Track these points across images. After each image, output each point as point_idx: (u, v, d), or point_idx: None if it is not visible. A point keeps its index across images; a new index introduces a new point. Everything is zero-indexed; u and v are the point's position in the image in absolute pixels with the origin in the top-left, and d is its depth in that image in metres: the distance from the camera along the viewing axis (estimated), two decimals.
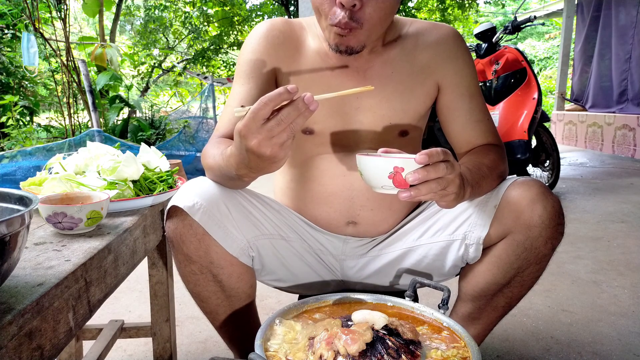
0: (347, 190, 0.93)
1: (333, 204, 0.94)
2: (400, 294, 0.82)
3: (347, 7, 0.76)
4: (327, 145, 0.93)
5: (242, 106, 0.65)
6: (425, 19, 9.21)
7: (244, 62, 0.92)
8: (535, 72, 3.24)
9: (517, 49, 3.06)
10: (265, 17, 8.53)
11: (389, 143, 0.94)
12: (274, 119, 0.59)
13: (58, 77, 5.09)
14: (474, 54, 3.25)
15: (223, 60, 8.94)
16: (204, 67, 8.70)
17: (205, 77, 6.28)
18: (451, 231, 0.89)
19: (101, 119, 4.31)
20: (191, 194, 0.79)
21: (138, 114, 5.56)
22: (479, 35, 3.15)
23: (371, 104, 0.91)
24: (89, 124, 3.93)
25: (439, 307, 0.73)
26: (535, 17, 3.09)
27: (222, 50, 8.61)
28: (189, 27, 8.58)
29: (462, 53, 0.94)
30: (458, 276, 0.96)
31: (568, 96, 6.60)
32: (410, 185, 0.67)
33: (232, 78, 6.18)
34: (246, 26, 8.66)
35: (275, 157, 0.62)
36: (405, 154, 0.73)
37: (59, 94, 4.56)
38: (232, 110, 0.84)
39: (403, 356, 0.58)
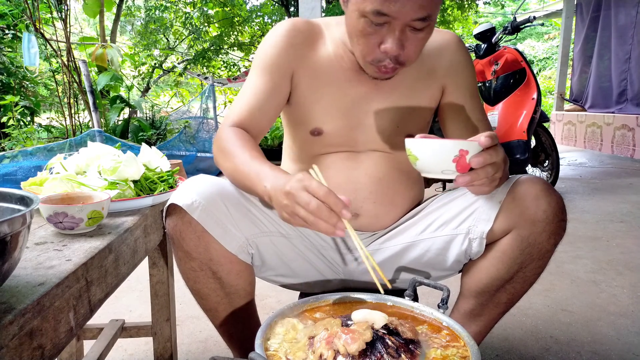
0: (351, 183, 0.95)
1: None
2: (400, 293, 0.82)
3: (392, 55, 0.80)
4: (334, 145, 0.95)
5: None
6: None
7: (263, 56, 0.93)
8: (535, 72, 3.24)
9: (517, 50, 3.06)
10: (266, 17, 8.52)
11: (395, 146, 0.97)
12: (314, 204, 0.64)
13: (59, 77, 5.09)
14: (473, 55, 3.25)
15: (223, 61, 8.93)
16: (205, 68, 8.70)
17: (206, 78, 6.28)
18: (455, 225, 0.90)
19: (102, 119, 4.31)
20: (190, 192, 0.80)
21: (139, 114, 5.56)
22: (478, 36, 3.16)
23: (380, 108, 0.94)
24: (90, 124, 3.93)
25: (439, 307, 0.73)
26: (534, 18, 3.09)
27: (223, 51, 8.60)
28: (190, 28, 8.57)
29: (464, 57, 0.98)
30: (460, 274, 0.96)
31: (567, 96, 6.60)
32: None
33: (232, 78, 6.15)
34: (246, 27, 8.66)
35: (281, 214, 0.70)
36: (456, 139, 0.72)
37: (60, 94, 4.56)
38: (246, 98, 0.90)
39: (403, 355, 0.58)
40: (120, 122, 4.71)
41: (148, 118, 5.25)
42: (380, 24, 0.77)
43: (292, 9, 7.25)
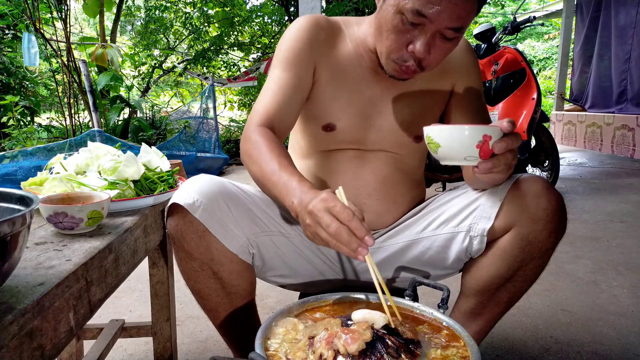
0: (356, 179, 0.96)
1: None
2: (400, 293, 0.82)
3: (417, 57, 0.80)
4: (344, 142, 0.96)
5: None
6: None
7: (287, 50, 0.92)
8: (535, 72, 3.24)
9: (517, 50, 3.06)
10: (266, 17, 8.51)
11: (403, 148, 0.98)
12: (334, 227, 0.63)
13: (59, 77, 5.09)
14: None
15: (223, 61, 8.92)
16: (205, 68, 8.69)
17: (206, 78, 6.28)
18: (456, 223, 0.90)
19: (102, 119, 4.31)
20: (191, 192, 0.80)
21: (139, 114, 5.56)
22: (478, 36, 3.16)
23: (394, 109, 0.95)
24: (90, 124, 3.94)
25: (439, 307, 0.73)
26: (534, 18, 3.09)
27: (223, 51, 8.59)
28: (190, 28, 8.56)
29: (472, 58, 1.00)
30: (460, 275, 0.97)
31: (567, 96, 6.60)
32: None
33: (232, 78, 6.11)
34: (246, 27, 8.65)
35: (305, 232, 0.69)
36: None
37: (60, 94, 4.56)
38: (273, 94, 0.89)
39: (403, 355, 0.58)
40: (120, 122, 4.72)
41: (148, 118, 5.26)
42: (415, 25, 0.77)
43: (292, 9, 7.24)
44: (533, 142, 3.16)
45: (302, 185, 0.72)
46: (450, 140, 0.69)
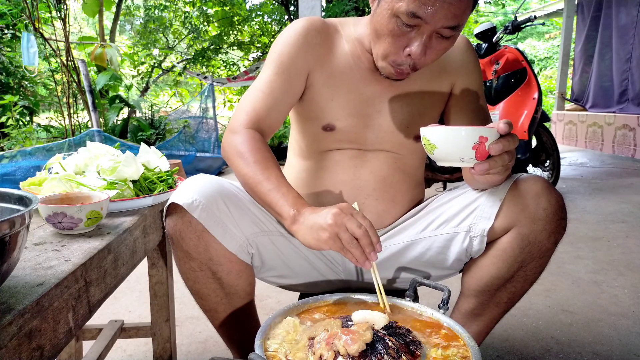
0: (356, 179, 0.96)
1: (340, 192, 0.96)
2: (401, 293, 0.82)
3: (414, 59, 0.81)
4: (344, 142, 0.96)
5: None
6: None
7: (282, 53, 0.92)
8: (536, 72, 3.24)
9: (517, 49, 3.06)
10: (265, 16, 8.51)
11: (402, 148, 0.98)
12: (362, 230, 0.69)
13: (58, 77, 5.09)
14: None
15: (223, 60, 8.92)
16: (204, 67, 8.69)
17: (205, 77, 6.27)
18: (456, 224, 0.90)
19: (101, 119, 4.31)
20: (190, 192, 0.80)
21: (138, 114, 5.56)
22: (479, 35, 3.15)
23: (393, 108, 0.95)
24: (89, 124, 3.93)
25: (439, 307, 0.73)
26: (535, 17, 3.08)
27: (222, 50, 8.59)
28: (189, 27, 8.57)
29: (472, 57, 1.00)
30: (460, 275, 0.96)
31: (568, 96, 6.60)
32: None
33: (232, 78, 6.11)
34: (246, 26, 8.65)
35: (316, 236, 0.71)
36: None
37: (59, 94, 4.56)
38: (263, 96, 0.90)
39: (403, 356, 0.58)
40: (119, 122, 4.72)
41: (147, 118, 5.25)
42: (411, 27, 0.78)
43: (291, 8, 7.24)
44: (534, 142, 3.16)
45: (300, 199, 0.78)
46: (446, 141, 0.69)
